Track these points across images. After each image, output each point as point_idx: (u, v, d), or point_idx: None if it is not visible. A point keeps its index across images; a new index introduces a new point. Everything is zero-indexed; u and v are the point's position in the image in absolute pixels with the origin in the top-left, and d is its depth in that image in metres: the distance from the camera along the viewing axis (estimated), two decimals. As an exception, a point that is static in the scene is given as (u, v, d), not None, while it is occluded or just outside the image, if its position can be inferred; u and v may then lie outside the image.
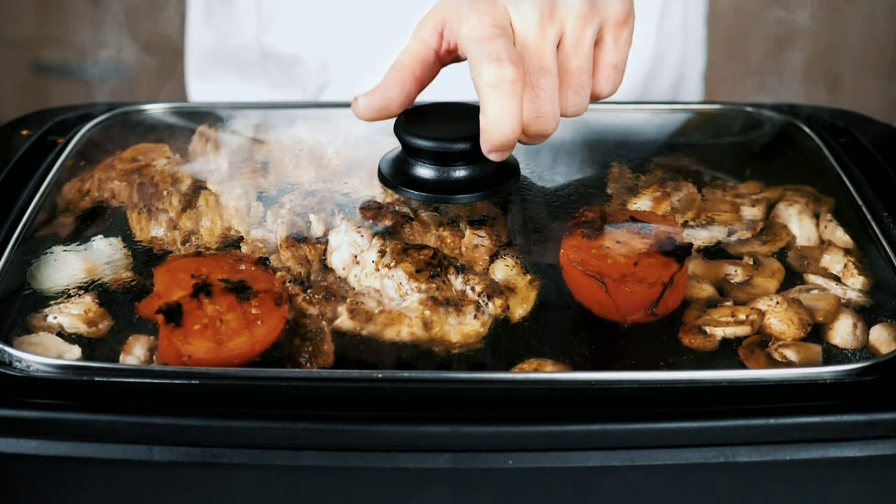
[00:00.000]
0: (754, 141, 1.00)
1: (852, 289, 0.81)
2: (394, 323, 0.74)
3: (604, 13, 0.80)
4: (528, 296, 0.78)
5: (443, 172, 0.81)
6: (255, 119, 1.01)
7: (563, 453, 0.67)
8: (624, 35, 0.81)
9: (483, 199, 0.81)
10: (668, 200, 0.86)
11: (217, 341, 0.71)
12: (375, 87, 0.81)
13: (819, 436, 0.68)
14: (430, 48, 0.81)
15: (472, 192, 0.81)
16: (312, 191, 0.87)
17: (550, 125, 0.78)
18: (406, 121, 0.81)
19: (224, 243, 0.84)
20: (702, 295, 0.80)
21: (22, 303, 0.78)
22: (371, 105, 0.81)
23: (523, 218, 0.85)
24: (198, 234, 0.84)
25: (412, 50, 0.81)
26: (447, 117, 0.81)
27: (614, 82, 0.82)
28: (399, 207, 0.83)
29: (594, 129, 1.00)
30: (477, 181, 0.81)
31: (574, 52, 0.79)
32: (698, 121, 1.05)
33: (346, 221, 0.81)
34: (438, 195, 0.81)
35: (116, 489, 0.69)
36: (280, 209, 0.84)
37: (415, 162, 0.81)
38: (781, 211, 0.85)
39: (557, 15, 0.78)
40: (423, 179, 0.81)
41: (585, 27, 0.79)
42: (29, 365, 0.70)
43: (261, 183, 0.89)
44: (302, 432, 0.67)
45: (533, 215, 0.85)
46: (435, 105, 0.83)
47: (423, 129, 0.80)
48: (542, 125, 0.78)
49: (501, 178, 0.82)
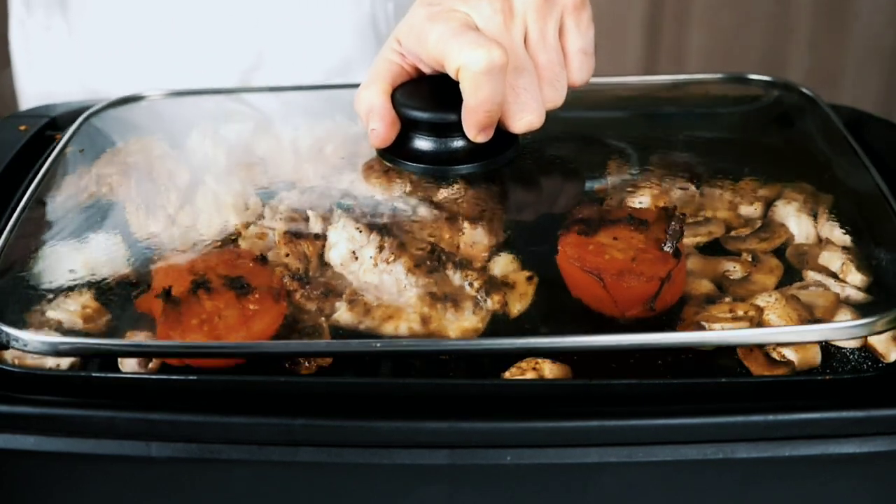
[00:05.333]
0: (765, 110, 1.00)
1: (851, 286, 0.80)
2: (392, 318, 0.74)
3: (560, 0, 0.80)
4: (527, 291, 0.78)
5: (441, 143, 0.81)
6: (255, 105, 1.00)
7: (561, 450, 0.67)
8: (584, 18, 0.82)
9: (483, 170, 0.81)
10: (666, 197, 0.86)
11: (215, 337, 0.71)
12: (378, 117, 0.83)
13: (818, 432, 0.68)
14: (401, 65, 0.83)
15: (472, 163, 0.80)
16: (311, 186, 0.86)
17: (536, 122, 0.79)
18: (402, 95, 0.81)
19: (222, 239, 0.84)
20: (700, 291, 0.80)
21: (19, 298, 0.78)
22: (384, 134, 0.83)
23: (524, 190, 0.84)
24: (196, 229, 0.84)
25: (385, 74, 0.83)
26: (442, 89, 0.81)
27: (588, 68, 0.83)
28: (398, 204, 0.83)
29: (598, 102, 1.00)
30: (476, 151, 0.81)
31: (542, 46, 0.80)
32: (704, 91, 1.05)
33: (344, 217, 0.81)
34: (437, 166, 0.81)
35: (114, 485, 0.69)
36: (279, 204, 0.84)
37: (413, 135, 0.82)
38: (779, 208, 0.85)
39: (517, 11, 0.79)
40: (421, 151, 0.81)
41: (546, 19, 0.79)
42: (27, 343, 0.70)
43: (259, 178, 0.89)
44: (299, 428, 0.67)
45: (535, 186, 0.84)
46: (429, 78, 0.83)
47: (420, 101, 0.80)
48: (527, 122, 0.78)
49: (501, 148, 0.82)
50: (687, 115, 0.99)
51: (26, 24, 1.28)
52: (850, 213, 0.85)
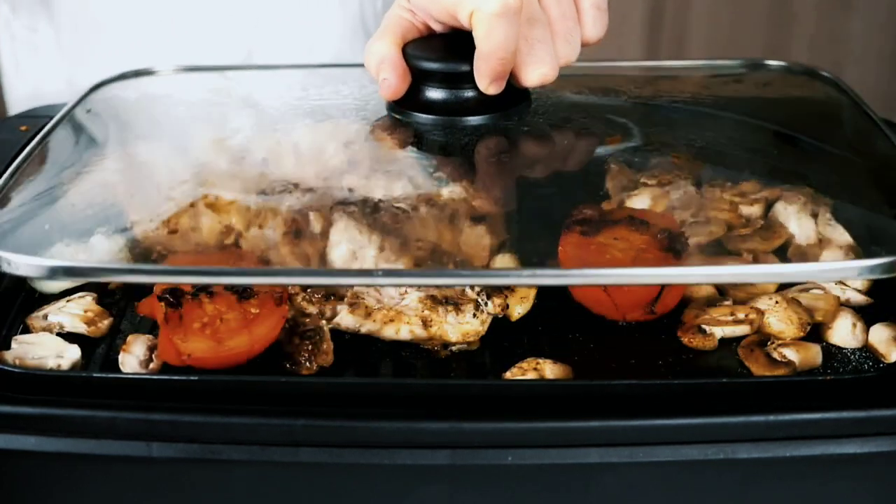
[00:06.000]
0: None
1: (852, 288, 0.81)
2: (393, 321, 0.74)
3: None
4: (528, 294, 0.78)
5: (452, 94, 0.79)
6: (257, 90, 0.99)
7: (562, 450, 0.67)
8: None
9: (494, 122, 0.80)
10: (666, 198, 0.86)
11: (217, 340, 0.71)
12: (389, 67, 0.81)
13: (818, 432, 0.68)
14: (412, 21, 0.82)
15: (483, 114, 0.80)
16: (313, 187, 0.86)
17: (550, 75, 0.78)
18: (413, 48, 0.81)
19: (224, 241, 0.84)
20: (701, 293, 0.80)
21: (21, 301, 0.78)
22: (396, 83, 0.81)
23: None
24: (197, 231, 0.84)
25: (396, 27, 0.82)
26: (453, 44, 0.80)
27: (601, 23, 0.81)
28: (398, 204, 0.83)
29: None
30: (487, 103, 0.79)
31: (555, 0, 0.79)
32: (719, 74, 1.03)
33: (345, 218, 0.81)
34: (448, 117, 0.80)
35: (115, 486, 0.69)
36: (280, 206, 0.84)
37: (424, 86, 0.80)
38: (780, 209, 0.85)
39: None
40: (432, 101, 0.80)
41: None
42: (18, 265, 0.68)
43: (261, 180, 0.89)
44: (300, 429, 0.67)
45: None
46: (440, 35, 0.82)
47: (431, 53, 0.80)
48: (540, 74, 0.77)
49: (513, 101, 0.81)
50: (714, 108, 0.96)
51: (12, 26, 1.28)
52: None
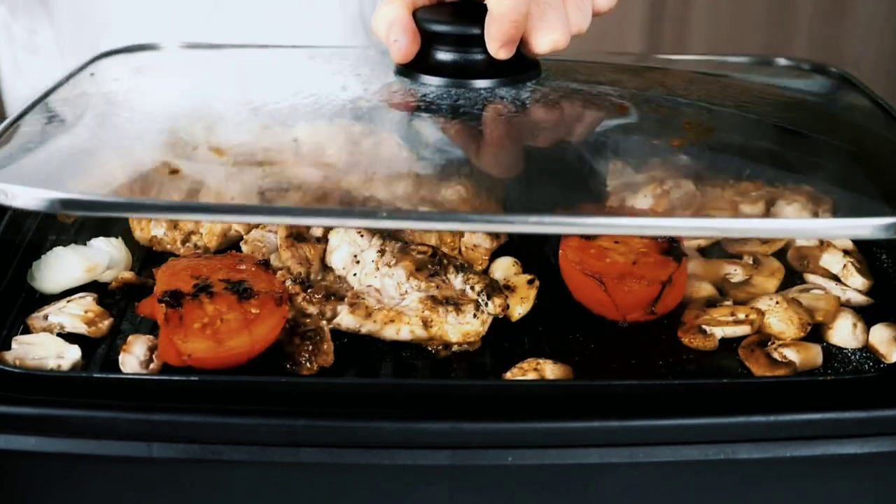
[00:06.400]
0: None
1: (852, 289, 0.81)
2: (393, 321, 0.74)
3: None
4: (528, 295, 0.78)
5: (462, 57, 0.79)
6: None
7: (562, 450, 0.67)
8: None
9: (503, 86, 0.79)
10: (667, 198, 0.86)
11: (217, 340, 0.71)
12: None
13: (819, 433, 0.68)
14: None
15: (493, 78, 0.79)
16: (313, 187, 0.86)
17: (561, 41, 0.77)
18: (423, 13, 0.80)
19: (224, 243, 0.84)
20: (701, 294, 0.80)
21: (21, 302, 0.78)
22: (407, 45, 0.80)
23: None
24: (198, 233, 0.84)
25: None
26: (463, 10, 0.79)
27: None
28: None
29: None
30: (497, 67, 0.78)
31: None
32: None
33: (346, 219, 0.81)
34: (457, 79, 0.79)
35: (115, 486, 0.69)
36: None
37: (434, 49, 0.79)
38: (780, 210, 0.85)
39: None
40: (441, 63, 0.79)
41: None
42: (16, 195, 0.63)
43: (262, 180, 0.89)
44: (301, 429, 0.67)
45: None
46: (449, 3, 0.81)
47: (442, 16, 0.79)
48: (552, 40, 0.76)
49: (522, 68, 0.80)
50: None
51: (12, 28, 1.29)
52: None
